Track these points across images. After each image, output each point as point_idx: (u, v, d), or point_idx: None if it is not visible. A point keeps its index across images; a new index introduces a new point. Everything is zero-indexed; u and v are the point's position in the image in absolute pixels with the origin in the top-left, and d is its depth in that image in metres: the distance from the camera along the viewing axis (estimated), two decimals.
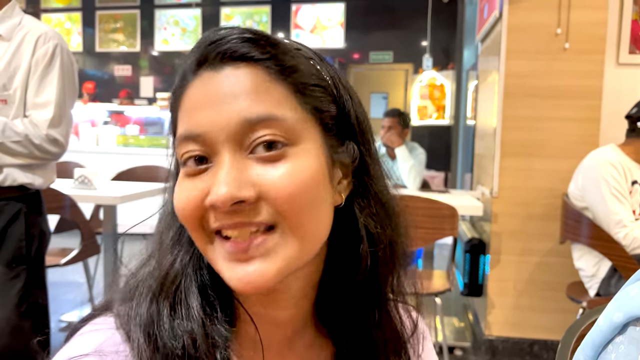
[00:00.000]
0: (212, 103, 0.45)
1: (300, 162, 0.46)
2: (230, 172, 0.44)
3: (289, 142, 0.46)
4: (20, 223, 1.76)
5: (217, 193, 0.43)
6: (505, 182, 2.73)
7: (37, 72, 1.73)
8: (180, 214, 0.47)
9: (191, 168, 0.47)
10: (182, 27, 6.73)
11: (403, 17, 6.37)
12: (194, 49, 0.48)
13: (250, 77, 0.46)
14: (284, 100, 0.46)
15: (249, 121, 0.45)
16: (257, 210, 0.45)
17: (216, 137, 0.45)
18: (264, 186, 0.45)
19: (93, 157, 5.20)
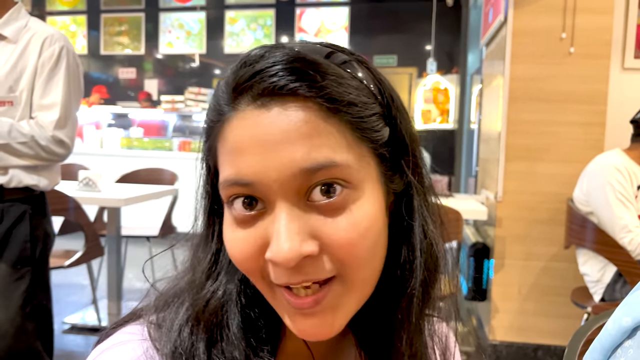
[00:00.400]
0: (262, 148, 0.40)
1: (361, 210, 0.43)
2: (289, 226, 0.41)
3: (348, 185, 0.42)
4: (25, 224, 1.76)
5: (279, 251, 0.40)
6: (510, 186, 2.72)
7: (43, 74, 1.74)
8: (238, 265, 0.44)
9: (242, 214, 0.42)
10: (186, 30, 6.75)
11: (407, 21, 6.38)
12: (232, 77, 0.43)
13: (303, 117, 0.40)
14: (340, 141, 0.42)
15: (306, 171, 0.40)
16: (320, 263, 0.42)
17: (269, 187, 0.41)
18: (327, 239, 0.41)
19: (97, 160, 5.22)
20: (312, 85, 0.41)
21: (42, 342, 1.83)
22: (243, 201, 0.42)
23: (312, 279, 0.42)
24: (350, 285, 0.43)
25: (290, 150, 0.40)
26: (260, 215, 0.42)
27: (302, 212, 0.41)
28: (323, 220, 0.42)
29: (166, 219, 3.42)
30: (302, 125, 0.40)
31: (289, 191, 0.41)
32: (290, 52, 0.42)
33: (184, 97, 6.15)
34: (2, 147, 1.66)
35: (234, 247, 0.44)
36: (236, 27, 6.67)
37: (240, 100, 0.42)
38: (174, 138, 5.90)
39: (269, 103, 0.41)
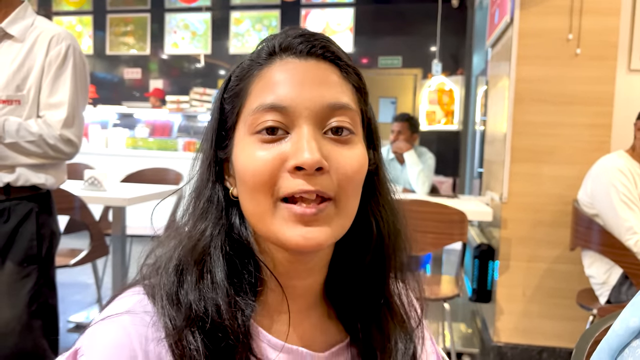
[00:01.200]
0: (300, 85, 0.54)
1: (359, 149, 0.56)
2: (313, 142, 0.52)
3: (353, 131, 0.55)
4: (31, 223, 1.77)
5: (305, 157, 0.51)
6: (515, 187, 2.72)
7: (50, 73, 1.74)
8: (256, 176, 0.53)
9: (265, 137, 0.53)
10: (192, 30, 6.76)
11: (412, 22, 6.37)
12: (275, 37, 0.57)
13: (332, 72, 0.56)
14: (352, 97, 0.57)
15: (332, 106, 0.54)
16: (327, 179, 0.53)
17: (300, 112, 0.53)
18: (335, 161, 0.53)
19: (102, 159, 5.23)
20: (337, 56, 0.57)
21: (48, 340, 1.83)
22: (267, 129, 0.53)
23: (320, 190, 0.52)
24: (340, 209, 0.54)
25: (323, 90, 0.54)
26: (280, 139, 0.53)
27: (320, 138, 0.53)
28: (333, 148, 0.54)
29: (171, 219, 3.42)
30: (330, 76, 0.55)
31: (314, 119, 0.53)
32: (319, 32, 0.58)
33: (189, 98, 6.16)
34: (10, 146, 1.67)
35: (258, 163, 0.52)
36: (241, 28, 6.68)
37: (283, 53, 0.56)
38: (178, 138, 5.91)
39: (307, 57, 0.55)
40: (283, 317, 0.58)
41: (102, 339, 0.50)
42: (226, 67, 6.99)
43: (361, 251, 0.60)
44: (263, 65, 0.56)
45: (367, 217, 0.60)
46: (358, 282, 0.61)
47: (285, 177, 0.52)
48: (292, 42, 0.56)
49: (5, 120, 1.65)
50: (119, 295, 0.57)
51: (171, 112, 6.18)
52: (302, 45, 0.55)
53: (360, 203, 0.58)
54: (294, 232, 0.52)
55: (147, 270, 0.59)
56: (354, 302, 0.61)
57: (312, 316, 0.61)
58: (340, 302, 0.62)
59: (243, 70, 0.57)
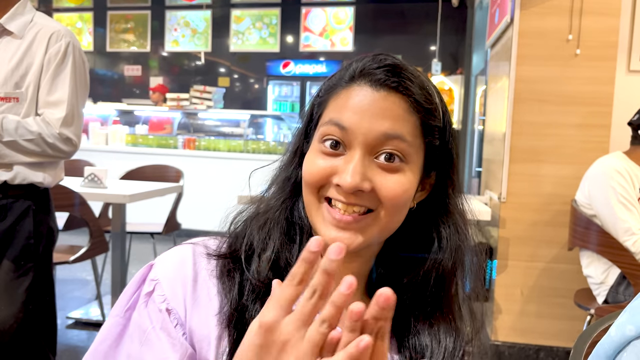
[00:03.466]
0: (364, 112, 0.60)
1: (406, 177, 0.62)
2: (359, 166, 0.59)
3: (404, 159, 0.61)
4: (28, 220, 1.77)
5: (347, 179, 0.59)
6: (514, 187, 2.72)
7: (49, 71, 1.73)
8: (307, 178, 0.63)
9: (327, 149, 0.62)
10: (192, 28, 6.76)
11: (412, 21, 6.38)
12: (361, 64, 0.63)
13: (397, 104, 0.61)
14: (412, 130, 0.62)
15: (386, 135, 0.60)
16: (367, 198, 0.61)
17: (356, 136, 0.60)
18: (378, 185, 0.60)
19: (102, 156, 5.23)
20: (408, 89, 0.61)
21: (45, 338, 1.84)
22: (331, 143, 0.61)
23: (358, 204, 0.60)
24: (378, 222, 0.61)
25: (381, 121, 0.60)
26: (339, 155, 0.61)
27: (369, 163, 0.61)
28: (380, 173, 0.61)
29: (170, 216, 3.43)
30: (395, 109, 0.61)
31: (367, 144, 0.60)
32: (398, 62, 0.63)
33: (189, 95, 6.15)
34: (8, 144, 1.66)
35: (312, 166, 0.62)
36: (242, 26, 6.68)
37: (361, 80, 0.62)
38: (178, 135, 5.91)
39: (379, 88, 0.61)
40: None
41: (168, 258, 0.65)
42: (226, 64, 6.98)
43: (416, 260, 0.66)
44: (344, 86, 0.63)
45: (428, 230, 0.67)
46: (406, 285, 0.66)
47: (331, 185, 0.61)
48: (372, 71, 0.62)
49: (4, 118, 1.64)
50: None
51: (171, 110, 6.18)
52: (379, 76, 0.61)
53: (424, 215, 0.67)
54: (328, 232, 0.61)
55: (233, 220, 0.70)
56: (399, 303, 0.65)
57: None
58: None
59: (332, 83, 0.65)
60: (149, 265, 0.66)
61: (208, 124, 6.41)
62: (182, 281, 0.63)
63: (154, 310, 0.62)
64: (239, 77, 7.11)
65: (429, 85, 0.64)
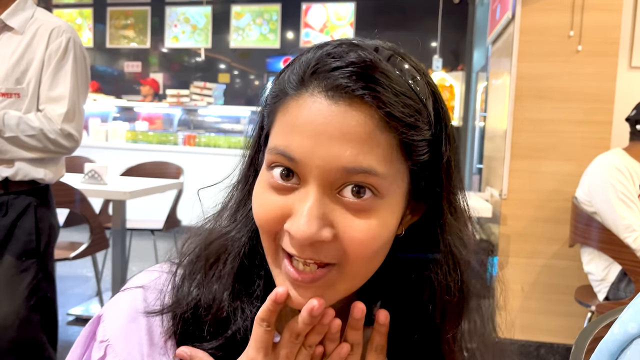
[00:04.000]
0: (318, 136, 0.44)
1: (381, 219, 0.46)
2: (315, 209, 0.44)
3: (378, 194, 0.45)
4: (30, 217, 1.77)
5: (299, 229, 0.44)
6: (515, 184, 2.72)
7: (50, 66, 1.73)
8: (258, 222, 0.49)
9: (277, 182, 0.46)
10: (192, 24, 6.75)
11: (413, 18, 6.36)
12: (314, 62, 0.46)
13: (362, 122, 0.44)
14: (386, 155, 0.45)
15: (348, 170, 0.44)
16: (328, 249, 0.46)
17: (310, 169, 0.45)
18: (344, 234, 0.45)
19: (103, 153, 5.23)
20: (379, 97, 0.44)
21: (46, 334, 1.84)
22: (281, 172, 0.46)
23: (316, 259, 0.46)
24: (345, 276, 0.47)
25: (341, 148, 0.44)
26: (293, 189, 0.46)
27: (329, 202, 0.45)
28: (345, 215, 0.45)
29: (171, 213, 3.43)
30: (359, 129, 0.44)
31: (325, 180, 0.45)
32: (367, 56, 0.45)
33: (189, 92, 6.15)
34: (10, 140, 1.66)
35: (261, 206, 0.48)
36: (242, 22, 6.66)
37: (314, 85, 0.45)
38: (179, 132, 5.90)
39: (338, 98, 0.44)
40: None
41: (117, 311, 0.54)
42: (226, 61, 6.97)
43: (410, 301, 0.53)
44: (292, 95, 0.47)
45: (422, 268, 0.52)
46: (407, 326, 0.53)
47: (285, 231, 0.47)
48: (325, 75, 0.45)
49: (5, 114, 1.64)
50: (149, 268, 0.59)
51: (171, 106, 6.17)
52: (339, 80, 0.44)
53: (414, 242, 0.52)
54: (289, 292, 0.47)
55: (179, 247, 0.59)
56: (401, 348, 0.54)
57: None
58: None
59: (279, 88, 0.49)
60: (97, 318, 0.55)
61: (208, 121, 6.41)
62: (138, 340, 0.52)
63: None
64: (239, 74, 7.10)
65: (415, 83, 0.47)
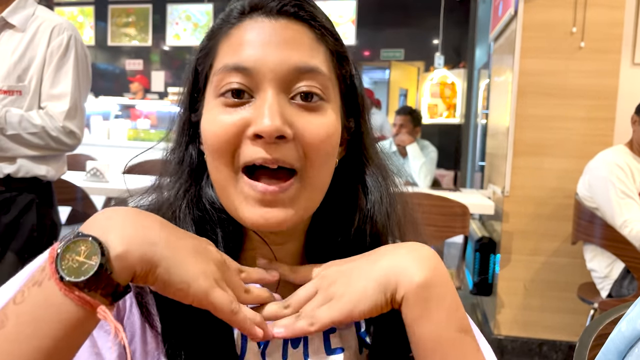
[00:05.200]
0: (267, 44, 0.50)
1: (329, 117, 0.53)
2: (276, 107, 0.49)
3: (324, 97, 0.52)
4: (32, 214, 1.77)
5: (265, 123, 0.48)
6: (517, 181, 2.71)
7: (52, 64, 1.73)
8: (215, 142, 0.51)
9: (230, 100, 0.51)
10: (193, 22, 6.74)
11: (415, 15, 6.34)
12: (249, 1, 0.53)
13: (304, 33, 0.52)
14: (325, 60, 0.53)
15: (299, 69, 0.50)
16: (291, 148, 0.50)
17: (264, 75, 0.50)
18: (301, 129, 0.50)
19: (104, 151, 5.23)
20: (312, 15, 0.53)
21: None
22: (232, 92, 0.50)
23: (282, 160, 0.50)
24: (307, 184, 0.52)
25: (290, 52, 0.50)
26: (245, 103, 0.51)
27: (286, 103, 0.50)
28: (300, 114, 0.51)
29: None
30: (301, 37, 0.52)
31: (279, 82, 0.50)
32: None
33: None
34: (12, 138, 1.66)
35: (218, 128, 0.50)
36: None
37: (254, 12, 0.52)
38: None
39: (278, 17, 0.52)
40: None
41: None
42: None
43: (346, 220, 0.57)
44: (233, 24, 0.53)
45: (352, 186, 0.58)
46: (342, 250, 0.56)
47: (246, 143, 0.50)
48: (268, 4, 0.52)
49: (7, 112, 1.64)
50: None
51: (173, 104, 6.17)
52: (274, 2, 0.52)
53: (345, 171, 0.58)
54: (254, 212, 0.50)
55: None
56: None
57: (288, 286, 0.57)
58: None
59: (214, 29, 0.54)
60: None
61: None
62: None
63: None
64: None
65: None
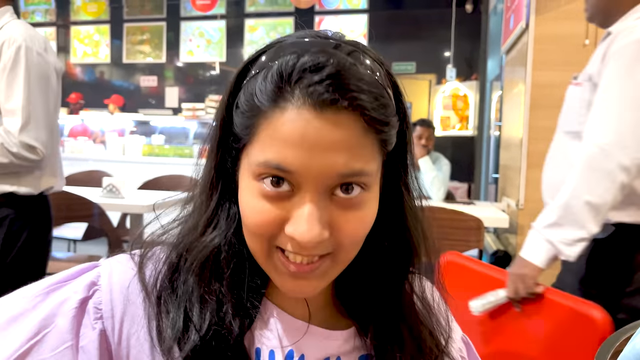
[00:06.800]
0: (311, 149, 0.47)
1: (369, 208, 0.52)
2: (315, 213, 0.48)
3: (365, 188, 0.50)
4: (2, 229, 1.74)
5: (305, 234, 0.48)
6: (532, 194, 2.70)
7: (3, 78, 1.71)
8: (253, 229, 0.51)
9: (270, 191, 0.49)
10: (207, 38, 6.83)
11: (426, 28, 6.37)
12: (291, 64, 0.47)
13: (349, 130, 0.47)
14: (372, 154, 0.50)
15: (343, 175, 0.48)
16: (326, 245, 0.50)
17: (306, 179, 0.48)
18: (340, 230, 0.50)
19: (120, 167, 5.29)
20: (360, 105, 0.47)
21: None
22: (272, 180, 0.49)
23: (317, 254, 0.50)
24: (339, 261, 0.53)
25: (335, 157, 0.47)
26: (287, 195, 0.49)
27: (324, 203, 0.49)
28: (339, 212, 0.50)
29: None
30: (348, 137, 0.48)
31: (322, 186, 0.49)
32: (343, 66, 0.47)
33: (204, 105, 6.21)
34: None
35: (256, 215, 0.50)
36: (255, 35, 6.73)
37: (296, 97, 0.47)
38: (194, 145, 5.95)
39: (324, 109, 0.47)
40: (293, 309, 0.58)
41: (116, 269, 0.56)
42: None
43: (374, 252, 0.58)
44: (272, 106, 0.48)
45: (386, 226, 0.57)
46: (370, 281, 0.59)
47: (283, 234, 0.50)
48: (312, 84, 0.46)
49: None
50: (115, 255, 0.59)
51: (187, 120, 6.24)
52: (321, 89, 0.46)
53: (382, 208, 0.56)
54: (287, 285, 0.52)
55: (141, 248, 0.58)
56: (367, 301, 0.59)
57: (320, 314, 0.60)
58: (352, 303, 0.60)
59: (254, 98, 0.49)
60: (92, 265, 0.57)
61: None
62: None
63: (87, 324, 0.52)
64: None
65: (379, 76, 0.50)
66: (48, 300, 0.51)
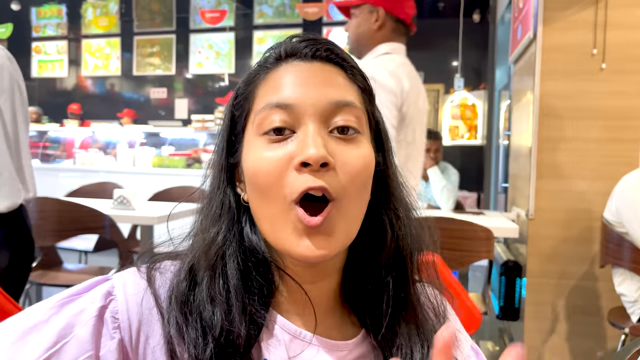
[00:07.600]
0: (305, 84, 0.55)
1: (365, 148, 0.57)
2: (317, 137, 0.53)
3: (359, 130, 0.56)
4: None
5: (310, 152, 0.52)
6: (542, 203, 2.69)
7: None
8: (264, 177, 0.54)
9: (273, 137, 0.54)
10: (215, 50, 6.89)
11: (434, 38, 6.38)
12: (281, 44, 0.60)
13: (337, 74, 0.58)
14: (357, 96, 0.59)
15: (336, 103, 0.55)
16: (333, 175, 0.53)
17: (305, 110, 0.54)
18: (341, 159, 0.54)
19: (130, 178, 5.33)
20: (342, 58, 0.59)
21: None
22: (274, 130, 0.54)
23: (327, 187, 0.52)
24: (342, 213, 0.54)
25: (327, 89, 0.56)
26: (287, 138, 0.54)
27: (325, 135, 0.55)
28: (338, 146, 0.55)
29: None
30: (335, 77, 0.58)
31: (319, 117, 0.54)
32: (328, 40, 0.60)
33: (213, 116, 6.25)
34: None
35: (266, 163, 0.54)
36: (264, 47, 6.77)
37: (289, 58, 0.58)
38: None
39: (312, 60, 0.58)
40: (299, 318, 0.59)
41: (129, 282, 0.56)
42: None
43: (377, 253, 0.60)
44: (270, 69, 0.58)
45: (380, 218, 0.61)
46: (376, 284, 0.60)
47: (292, 175, 0.53)
48: (298, 46, 0.58)
49: None
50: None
51: (197, 131, 6.28)
52: (307, 49, 0.58)
53: (373, 205, 0.60)
54: (301, 244, 0.53)
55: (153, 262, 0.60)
56: (373, 304, 0.60)
57: (328, 319, 0.61)
58: (359, 305, 0.62)
59: (250, 76, 0.60)
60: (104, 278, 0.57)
61: None
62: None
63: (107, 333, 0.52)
64: None
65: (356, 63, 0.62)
66: (63, 312, 0.52)
